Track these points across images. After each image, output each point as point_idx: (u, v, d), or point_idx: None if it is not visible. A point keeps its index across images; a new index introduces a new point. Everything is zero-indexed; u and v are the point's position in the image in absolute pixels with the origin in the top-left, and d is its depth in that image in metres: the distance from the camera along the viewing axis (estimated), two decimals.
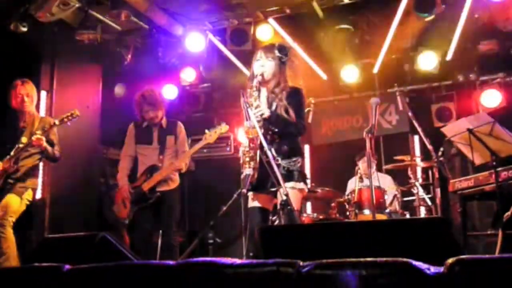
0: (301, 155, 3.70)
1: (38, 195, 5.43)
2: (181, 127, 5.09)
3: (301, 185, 3.57)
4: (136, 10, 5.92)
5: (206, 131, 4.88)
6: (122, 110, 6.25)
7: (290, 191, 3.40)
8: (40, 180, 5.28)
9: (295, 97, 3.67)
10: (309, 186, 3.96)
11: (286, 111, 3.60)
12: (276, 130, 3.58)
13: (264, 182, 3.48)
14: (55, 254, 2.56)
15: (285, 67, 3.75)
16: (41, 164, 5.02)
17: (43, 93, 5.81)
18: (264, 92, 3.75)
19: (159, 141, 4.94)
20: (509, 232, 3.75)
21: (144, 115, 4.94)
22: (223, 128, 4.90)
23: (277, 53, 3.69)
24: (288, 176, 3.51)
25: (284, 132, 3.60)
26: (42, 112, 5.65)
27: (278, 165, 3.46)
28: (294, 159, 3.58)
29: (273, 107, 3.64)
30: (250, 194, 3.64)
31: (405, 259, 1.58)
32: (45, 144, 4.63)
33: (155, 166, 4.87)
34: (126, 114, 5.78)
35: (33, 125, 4.76)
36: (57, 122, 4.68)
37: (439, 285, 1.50)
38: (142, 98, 4.96)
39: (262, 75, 3.64)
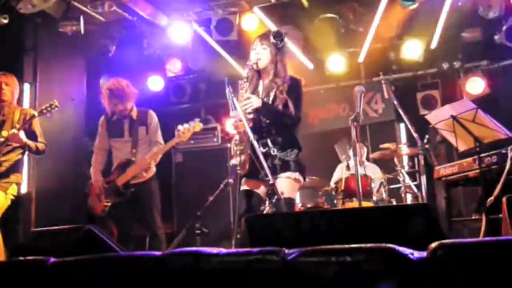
0: (298, 146, 3.69)
1: (24, 189, 5.39)
2: (152, 116, 4.96)
3: (296, 175, 3.59)
4: (119, 0, 5.87)
5: (179, 127, 4.73)
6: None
7: (285, 180, 3.50)
8: (25, 174, 5.24)
9: (295, 89, 3.69)
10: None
11: (285, 105, 3.60)
12: (268, 121, 3.58)
13: (256, 171, 3.48)
14: (41, 247, 2.55)
15: (282, 53, 3.72)
16: (25, 158, 4.97)
17: (26, 86, 5.75)
18: (261, 81, 3.74)
19: (130, 134, 4.86)
20: (493, 217, 3.80)
21: (113, 108, 4.85)
22: (196, 126, 4.74)
23: (272, 39, 3.66)
24: (284, 166, 3.55)
25: (277, 122, 3.60)
26: (26, 105, 5.59)
27: (274, 156, 3.51)
28: (289, 150, 3.60)
29: (271, 97, 3.63)
30: (243, 180, 3.64)
31: (389, 245, 1.59)
32: (24, 139, 4.55)
33: (128, 160, 4.80)
34: None
35: (13, 117, 4.70)
36: (36, 113, 4.63)
37: (423, 269, 1.52)
38: (109, 92, 4.84)
39: (256, 63, 3.63)
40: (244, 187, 3.65)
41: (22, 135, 4.52)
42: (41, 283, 1.93)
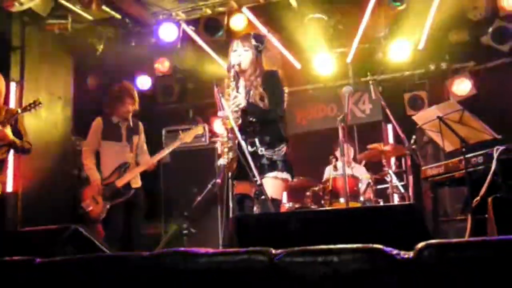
0: (286, 141, 3.67)
1: (9, 188, 5.34)
2: (142, 127, 5.20)
3: (284, 174, 3.56)
4: None
5: (180, 132, 5.04)
6: (95, 101, 6.18)
7: (272, 180, 3.47)
8: (11, 173, 5.19)
9: (270, 80, 3.67)
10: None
11: (262, 99, 3.59)
12: (255, 119, 3.58)
13: (245, 171, 3.48)
14: (27, 247, 2.53)
15: (261, 55, 3.75)
16: (11, 157, 4.92)
17: (13, 84, 5.69)
18: (242, 81, 3.75)
19: (127, 139, 4.99)
20: (478, 217, 3.84)
21: (122, 107, 4.94)
22: (199, 129, 5.10)
23: (253, 42, 3.70)
24: (271, 166, 3.53)
25: (264, 120, 3.60)
26: (12, 103, 5.54)
27: (262, 155, 3.51)
28: (278, 148, 3.58)
29: (251, 95, 3.65)
30: (234, 182, 3.65)
31: (376, 245, 1.60)
32: (11, 137, 4.50)
33: (126, 163, 4.91)
34: (99, 105, 5.72)
35: None
36: (19, 110, 4.59)
37: (409, 269, 1.53)
38: (125, 89, 4.99)
39: (239, 64, 3.64)
40: (236, 191, 3.65)
41: (8, 132, 4.46)
42: (28, 283, 1.92)
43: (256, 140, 3.55)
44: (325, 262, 1.58)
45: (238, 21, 6.51)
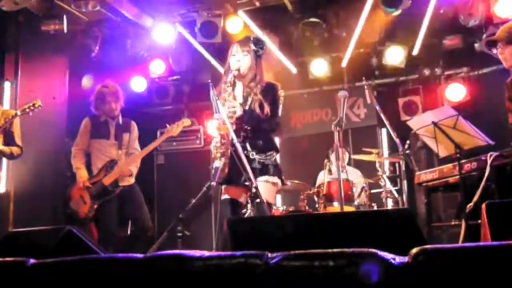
0: (276, 149, 3.71)
1: (2, 189, 5.31)
2: (135, 126, 5.24)
3: (275, 179, 3.59)
4: (103, 0, 5.82)
5: (167, 125, 5.10)
6: (89, 103, 6.16)
7: (263, 184, 3.47)
8: (4, 173, 5.17)
9: (270, 92, 3.67)
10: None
11: (261, 106, 3.59)
12: (249, 127, 3.59)
13: (236, 176, 3.49)
14: (20, 248, 2.51)
15: (261, 60, 3.75)
16: (4, 157, 4.89)
17: (7, 84, 5.67)
18: (240, 86, 3.74)
19: (116, 137, 5.05)
20: (472, 222, 3.85)
21: (105, 106, 5.00)
22: (185, 121, 5.14)
23: (252, 46, 3.69)
24: (263, 170, 3.55)
25: (257, 129, 3.61)
26: (7, 103, 5.51)
27: (253, 159, 3.52)
28: (269, 153, 3.61)
29: (248, 102, 3.64)
30: (223, 187, 3.66)
31: (371, 250, 1.60)
32: (1, 147, 4.49)
33: (114, 160, 4.95)
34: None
35: None
36: (18, 112, 4.58)
37: (404, 274, 1.53)
38: (106, 88, 5.05)
39: (238, 70, 3.63)
40: (225, 195, 3.66)
41: None
42: (20, 284, 1.91)
43: (247, 144, 3.56)
44: (320, 266, 1.57)
45: (234, 25, 6.52)
